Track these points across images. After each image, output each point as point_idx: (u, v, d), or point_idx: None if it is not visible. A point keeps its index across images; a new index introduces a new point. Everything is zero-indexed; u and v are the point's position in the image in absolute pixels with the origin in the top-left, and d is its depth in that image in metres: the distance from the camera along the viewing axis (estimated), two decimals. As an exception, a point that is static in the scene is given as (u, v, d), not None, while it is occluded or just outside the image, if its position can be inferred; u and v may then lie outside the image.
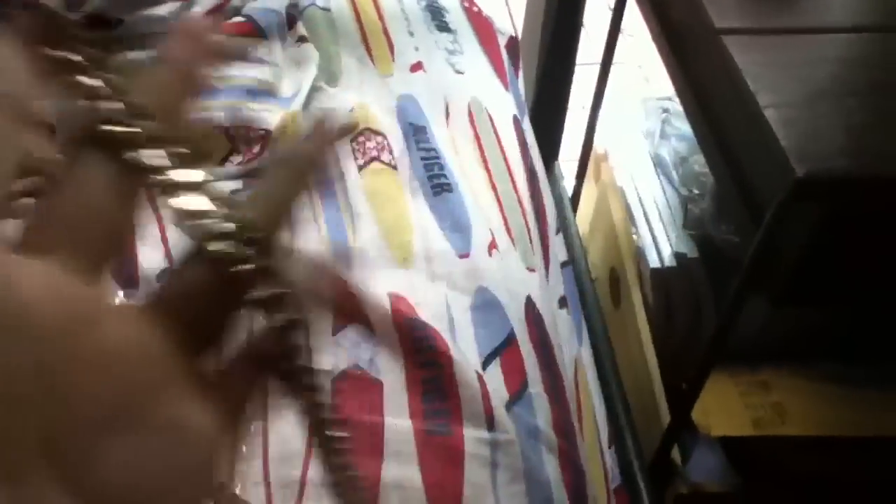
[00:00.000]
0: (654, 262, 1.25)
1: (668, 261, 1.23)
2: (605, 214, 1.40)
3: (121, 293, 0.69)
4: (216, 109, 0.76)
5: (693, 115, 0.97)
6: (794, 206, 0.74)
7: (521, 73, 1.01)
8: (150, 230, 0.72)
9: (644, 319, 1.26)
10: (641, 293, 1.29)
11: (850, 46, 0.90)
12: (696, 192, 1.26)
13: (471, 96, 0.87)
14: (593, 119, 1.36)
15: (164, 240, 0.72)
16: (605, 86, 1.31)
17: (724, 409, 1.12)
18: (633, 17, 1.21)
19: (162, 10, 0.73)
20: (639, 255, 1.29)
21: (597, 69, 1.35)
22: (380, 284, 0.68)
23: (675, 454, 1.13)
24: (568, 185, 1.49)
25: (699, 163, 1.26)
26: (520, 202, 0.81)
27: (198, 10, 0.76)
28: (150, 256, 0.70)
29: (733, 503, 1.09)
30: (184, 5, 0.75)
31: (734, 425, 1.10)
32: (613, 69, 1.32)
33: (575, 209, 1.48)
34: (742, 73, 0.82)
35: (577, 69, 1.42)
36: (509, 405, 0.65)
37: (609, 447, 0.82)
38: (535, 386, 0.68)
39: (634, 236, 1.30)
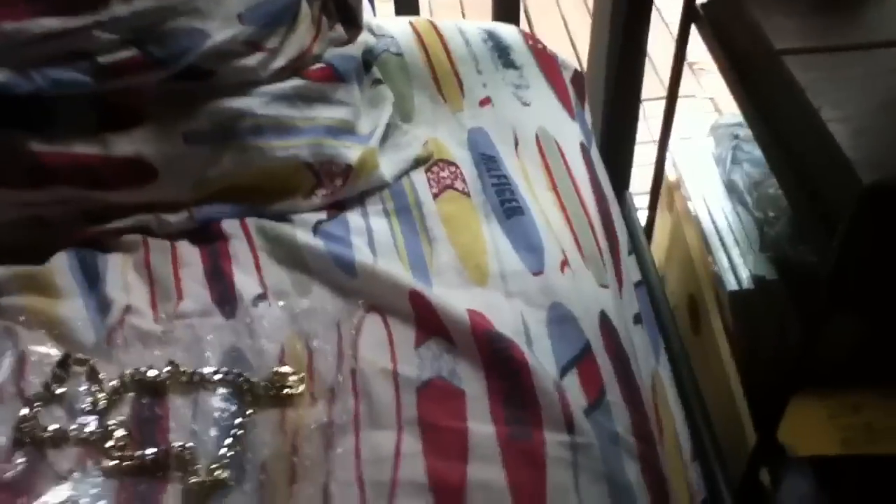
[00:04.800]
0: (732, 285, 1.25)
1: (747, 284, 1.22)
2: (680, 242, 1.41)
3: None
4: (302, 147, 0.82)
5: (762, 137, 0.99)
6: (866, 217, 0.74)
7: (587, 105, 1.05)
8: (246, 260, 0.78)
9: (725, 343, 1.26)
10: (721, 318, 1.29)
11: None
12: (771, 214, 1.26)
13: (538, 126, 0.91)
14: (663, 149, 1.38)
15: (258, 267, 0.78)
16: (672, 115, 1.34)
17: (812, 429, 1.10)
18: (703, 53, 1.24)
19: (251, 61, 0.80)
20: (716, 280, 1.29)
21: (664, 103, 1.38)
22: (458, 302, 0.72)
23: (764, 477, 1.11)
24: (641, 216, 1.51)
25: (773, 185, 1.26)
26: (590, 223, 0.84)
27: (283, 58, 0.82)
28: (246, 281, 0.76)
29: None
30: (269, 56, 0.82)
31: (822, 444, 1.08)
32: (687, 102, 1.34)
33: (649, 239, 1.49)
34: (804, 91, 0.84)
35: (648, 104, 1.45)
36: (588, 412, 0.67)
37: (693, 461, 0.82)
38: (613, 395, 0.70)
39: (711, 262, 1.30)
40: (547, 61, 1.01)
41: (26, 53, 0.73)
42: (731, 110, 1.63)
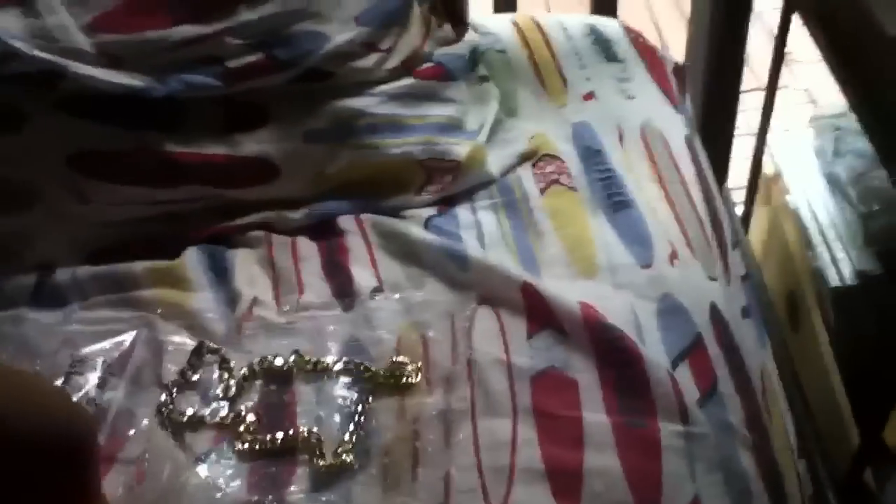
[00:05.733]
0: (834, 281, 1.22)
1: (850, 279, 1.20)
2: (778, 237, 1.39)
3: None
4: (414, 145, 0.85)
5: (871, 128, 0.97)
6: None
7: (688, 98, 1.05)
8: (362, 254, 0.82)
9: (826, 340, 1.24)
10: (822, 315, 1.26)
11: None
12: (876, 207, 1.23)
13: (643, 119, 0.92)
14: (761, 142, 1.36)
15: (373, 261, 0.81)
16: (771, 108, 1.32)
17: (920, 429, 1.07)
18: (796, 43, 1.22)
19: (367, 62, 0.84)
20: (817, 276, 1.27)
21: (757, 96, 1.36)
22: (568, 295, 0.74)
23: (869, 477, 1.09)
24: (737, 211, 1.49)
25: (879, 178, 1.23)
26: (698, 216, 0.85)
27: (397, 58, 0.86)
28: (362, 275, 0.80)
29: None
30: (384, 56, 0.85)
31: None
32: (780, 93, 1.32)
33: (746, 233, 1.47)
34: (921, 78, 0.82)
35: (741, 95, 1.43)
36: (701, 402, 0.68)
37: (799, 458, 0.82)
38: (726, 386, 0.71)
39: (812, 257, 1.28)
40: (649, 54, 1.01)
41: (164, 59, 0.78)
42: (828, 101, 1.59)
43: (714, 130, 1.30)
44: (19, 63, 0.75)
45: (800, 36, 1.16)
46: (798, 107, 1.94)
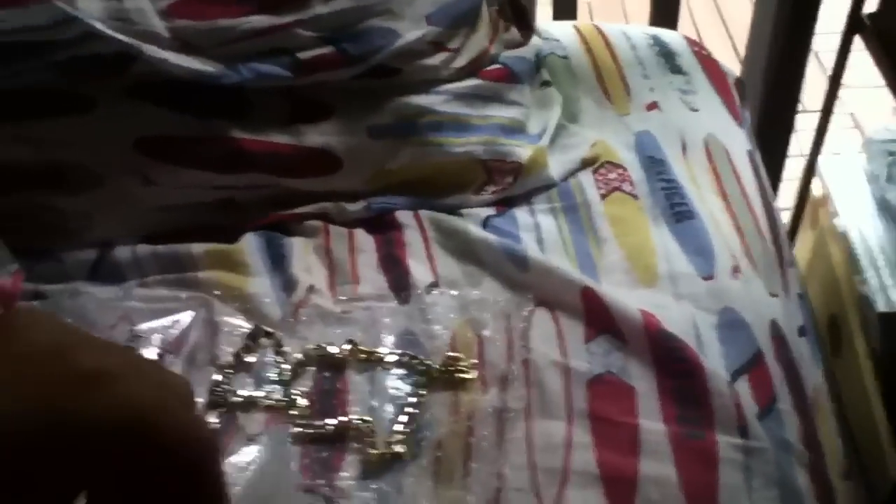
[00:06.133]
0: (881, 307, 1.21)
1: (899, 306, 1.19)
2: (824, 260, 1.38)
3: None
4: (477, 144, 0.85)
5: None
6: None
7: (748, 113, 1.04)
8: (419, 249, 0.82)
9: (870, 367, 1.22)
10: (866, 341, 1.25)
11: None
12: (928, 236, 1.22)
13: (706, 132, 0.92)
14: (812, 163, 1.35)
15: (430, 257, 0.82)
16: (825, 129, 1.31)
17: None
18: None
19: (434, 60, 0.84)
20: (863, 301, 1.25)
21: (803, 118, 1.36)
22: (628, 302, 0.73)
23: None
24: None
25: (932, 206, 1.22)
26: (759, 231, 0.84)
27: (464, 58, 0.86)
28: (419, 270, 0.80)
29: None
30: (451, 55, 0.85)
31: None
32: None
33: (791, 254, 1.46)
34: None
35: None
36: (759, 417, 0.68)
37: (846, 479, 0.81)
38: (784, 403, 0.70)
39: (859, 282, 1.27)
40: (712, 68, 1.01)
41: (235, 48, 0.79)
42: (872, 126, 1.58)
43: (768, 149, 1.29)
44: (97, 44, 0.76)
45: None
46: (843, 131, 1.93)
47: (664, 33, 1.05)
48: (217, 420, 0.71)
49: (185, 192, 0.84)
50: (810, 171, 1.36)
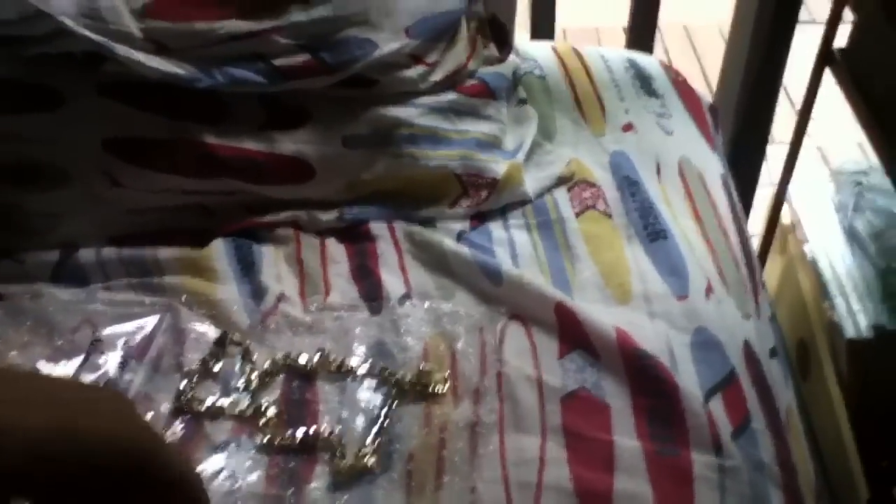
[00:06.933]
0: (850, 333, 1.22)
1: (866, 333, 1.20)
2: (792, 286, 1.39)
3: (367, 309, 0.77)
4: (453, 158, 0.84)
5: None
6: None
7: (720, 138, 1.05)
8: (392, 261, 0.81)
9: (838, 393, 1.23)
10: (835, 366, 1.26)
11: None
12: (895, 265, 1.24)
13: (681, 155, 0.92)
14: (782, 191, 1.37)
15: (403, 268, 0.81)
16: (795, 159, 1.33)
17: (931, 488, 1.07)
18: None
19: (412, 73, 0.83)
20: (832, 327, 1.27)
21: (772, 149, 1.38)
22: (603, 319, 0.73)
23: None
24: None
25: (898, 236, 1.24)
26: (732, 254, 0.85)
27: (441, 72, 0.86)
28: (391, 281, 0.79)
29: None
30: (429, 69, 0.85)
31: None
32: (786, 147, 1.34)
33: (759, 281, 1.48)
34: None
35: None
36: (734, 436, 0.67)
37: (818, 501, 0.81)
38: (758, 422, 0.70)
39: (827, 308, 1.28)
40: (687, 92, 1.02)
41: (211, 52, 0.78)
42: (839, 157, 1.62)
43: (739, 176, 1.31)
44: (67, 41, 0.75)
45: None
46: (809, 161, 1.97)
47: (640, 57, 1.06)
48: (182, 427, 0.69)
49: (154, 195, 0.82)
50: (780, 197, 1.38)
